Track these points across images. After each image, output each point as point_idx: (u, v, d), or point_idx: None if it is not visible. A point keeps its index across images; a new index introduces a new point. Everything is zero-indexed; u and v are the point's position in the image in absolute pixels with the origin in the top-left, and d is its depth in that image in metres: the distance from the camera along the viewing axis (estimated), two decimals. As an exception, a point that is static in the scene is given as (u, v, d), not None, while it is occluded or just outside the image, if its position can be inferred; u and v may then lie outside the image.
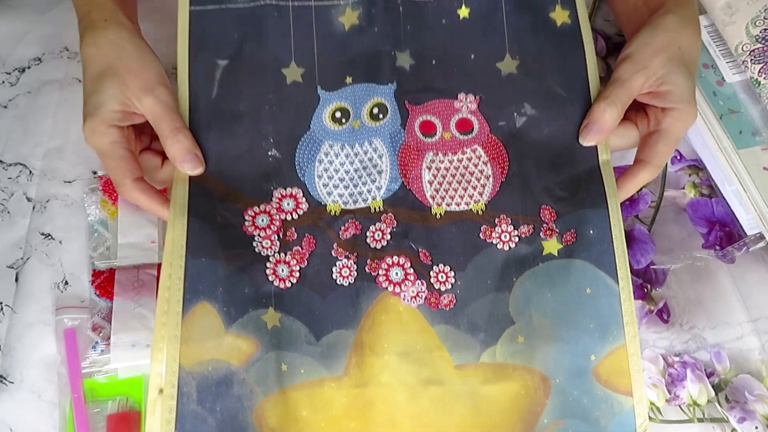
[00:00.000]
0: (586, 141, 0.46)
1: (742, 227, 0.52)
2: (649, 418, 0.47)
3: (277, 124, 0.47)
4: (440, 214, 0.46)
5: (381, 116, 0.47)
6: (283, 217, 0.46)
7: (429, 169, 0.47)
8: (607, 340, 0.43)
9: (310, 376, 0.43)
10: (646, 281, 0.51)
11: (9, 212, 0.53)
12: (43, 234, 0.52)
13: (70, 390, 0.45)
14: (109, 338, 0.46)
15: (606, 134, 0.46)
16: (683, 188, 0.55)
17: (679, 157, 0.57)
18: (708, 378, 0.48)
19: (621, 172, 0.56)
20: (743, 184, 0.50)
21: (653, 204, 0.55)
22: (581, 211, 0.45)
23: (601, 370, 0.43)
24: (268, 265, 0.44)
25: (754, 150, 0.52)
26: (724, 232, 0.53)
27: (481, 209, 0.46)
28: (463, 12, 0.49)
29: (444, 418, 0.43)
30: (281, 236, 0.45)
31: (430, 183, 0.47)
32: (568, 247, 0.45)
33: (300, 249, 0.45)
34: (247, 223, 0.45)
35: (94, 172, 0.53)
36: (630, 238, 0.53)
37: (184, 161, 0.44)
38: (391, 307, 0.44)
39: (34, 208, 0.53)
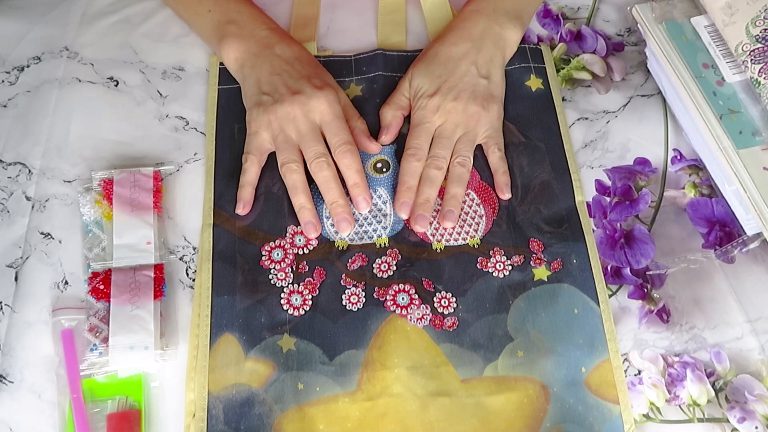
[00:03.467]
0: (385, 141, 0.55)
1: (742, 227, 0.52)
2: (649, 418, 0.47)
3: None
4: (440, 249, 0.52)
5: (384, 170, 0.54)
6: (295, 251, 0.51)
7: None
8: (594, 354, 0.48)
9: (325, 392, 0.46)
10: (645, 281, 0.51)
11: (8, 211, 0.52)
12: (42, 233, 0.52)
13: (70, 391, 0.45)
14: (107, 340, 0.46)
15: (392, 133, 0.55)
16: (683, 188, 0.55)
17: (679, 157, 0.57)
18: (708, 378, 0.48)
19: (621, 172, 0.56)
20: (743, 184, 0.50)
21: (653, 204, 0.55)
22: (564, 243, 0.52)
23: (591, 381, 0.48)
24: (282, 295, 0.49)
25: (754, 150, 0.52)
26: (724, 232, 0.53)
27: (477, 243, 0.52)
28: None
29: (453, 427, 0.46)
30: (294, 269, 0.50)
31: (430, 223, 0.52)
32: (555, 273, 0.51)
33: (312, 280, 0.50)
34: (264, 258, 0.50)
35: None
36: (630, 238, 0.53)
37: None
38: (399, 327, 0.49)
39: (33, 207, 0.53)
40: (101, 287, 0.48)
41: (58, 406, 0.46)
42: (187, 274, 0.51)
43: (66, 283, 0.50)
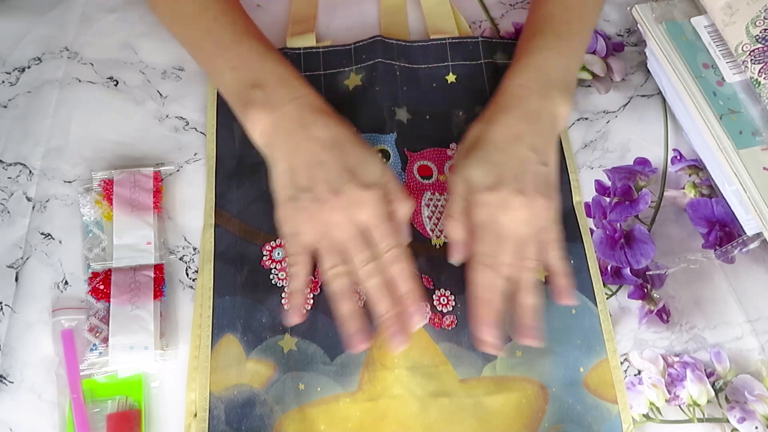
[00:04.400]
0: (455, 261, 0.47)
1: (742, 227, 0.52)
2: (649, 418, 0.47)
3: None
4: (440, 245, 0.52)
5: (384, 161, 0.53)
6: None
7: (428, 206, 0.53)
8: (592, 354, 0.48)
9: (326, 393, 0.46)
10: (645, 281, 0.51)
11: (9, 212, 0.53)
12: (42, 234, 0.52)
13: (70, 391, 0.45)
14: (107, 340, 0.46)
15: (464, 248, 0.47)
16: (683, 188, 0.55)
17: (679, 157, 0.57)
18: (708, 378, 0.48)
19: (621, 172, 0.56)
20: (743, 184, 0.50)
21: (653, 204, 0.55)
22: (562, 244, 0.49)
23: (590, 381, 0.48)
24: (283, 295, 0.49)
25: (754, 150, 0.52)
26: (724, 232, 0.53)
27: None
28: (451, 78, 0.58)
29: (453, 428, 0.46)
30: None
31: (429, 218, 0.53)
32: None
33: (313, 278, 0.49)
34: (264, 258, 0.50)
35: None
36: (630, 238, 0.53)
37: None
38: None
39: (33, 207, 0.53)
40: (101, 287, 0.48)
41: (58, 406, 0.46)
42: (187, 275, 0.51)
43: (66, 283, 0.50)
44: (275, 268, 0.50)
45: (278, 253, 0.51)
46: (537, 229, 0.46)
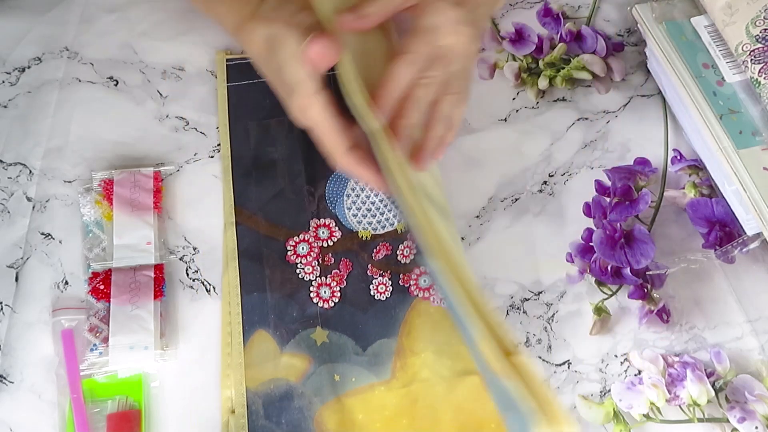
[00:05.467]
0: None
1: (742, 227, 0.52)
2: (649, 418, 0.47)
3: (308, 165, 0.54)
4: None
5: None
6: (320, 244, 0.52)
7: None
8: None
9: (361, 383, 0.48)
10: (645, 281, 0.51)
11: (9, 212, 0.53)
12: (43, 234, 0.52)
13: (70, 391, 0.45)
14: (107, 340, 0.46)
15: None
16: (683, 188, 0.55)
17: (679, 157, 0.57)
18: (708, 378, 0.48)
19: (621, 172, 0.56)
20: (743, 184, 0.50)
21: (653, 204, 0.55)
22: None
23: None
24: (311, 288, 0.50)
25: (754, 150, 0.52)
26: (724, 232, 0.53)
27: None
28: None
29: (482, 406, 0.46)
30: (320, 261, 0.51)
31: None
32: None
33: (338, 272, 0.51)
34: (289, 253, 0.51)
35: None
36: (630, 238, 0.53)
37: None
38: (423, 311, 0.50)
39: (34, 207, 0.53)
40: (101, 287, 0.48)
41: (58, 406, 0.46)
42: (187, 275, 0.51)
43: (66, 283, 0.50)
44: (300, 262, 0.51)
45: (302, 248, 0.51)
46: None
